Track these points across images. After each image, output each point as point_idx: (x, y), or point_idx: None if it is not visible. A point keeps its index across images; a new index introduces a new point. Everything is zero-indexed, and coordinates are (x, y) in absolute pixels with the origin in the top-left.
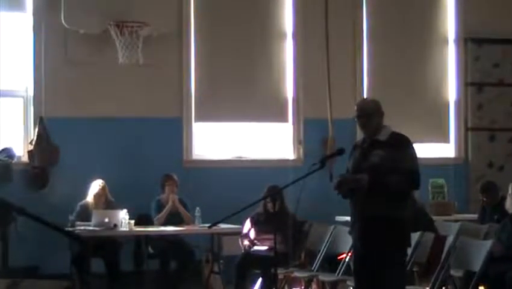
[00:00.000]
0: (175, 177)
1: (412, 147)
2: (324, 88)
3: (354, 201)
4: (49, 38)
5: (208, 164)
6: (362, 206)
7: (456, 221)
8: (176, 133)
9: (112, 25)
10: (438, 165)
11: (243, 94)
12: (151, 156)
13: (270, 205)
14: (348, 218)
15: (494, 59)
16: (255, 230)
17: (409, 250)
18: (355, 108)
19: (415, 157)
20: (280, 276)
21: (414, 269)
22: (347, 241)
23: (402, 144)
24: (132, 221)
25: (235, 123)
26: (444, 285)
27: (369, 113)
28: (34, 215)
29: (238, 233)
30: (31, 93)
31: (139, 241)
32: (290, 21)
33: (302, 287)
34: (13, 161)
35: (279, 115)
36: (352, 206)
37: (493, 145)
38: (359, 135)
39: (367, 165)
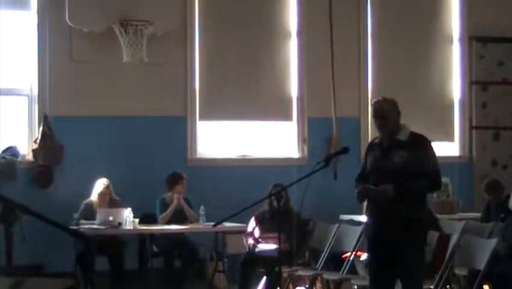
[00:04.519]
0: (185, 175)
1: (432, 147)
2: (329, 86)
3: (374, 202)
4: (53, 36)
5: (212, 163)
6: (384, 207)
7: (460, 219)
8: (180, 131)
9: (116, 24)
10: (442, 164)
11: (247, 92)
12: (155, 155)
13: (275, 203)
14: (352, 217)
15: (498, 58)
16: (259, 228)
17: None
18: (372, 108)
19: (436, 156)
20: (285, 275)
21: None
22: (351, 240)
23: (423, 144)
24: (137, 220)
25: (240, 121)
26: (448, 284)
27: (386, 115)
28: (38, 213)
29: (243, 232)
30: (35, 91)
31: (143, 239)
32: (295, 20)
33: (306, 285)
34: (17, 160)
35: (283, 113)
36: (371, 206)
37: (497, 144)
38: (364, 133)
39: (390, 166)
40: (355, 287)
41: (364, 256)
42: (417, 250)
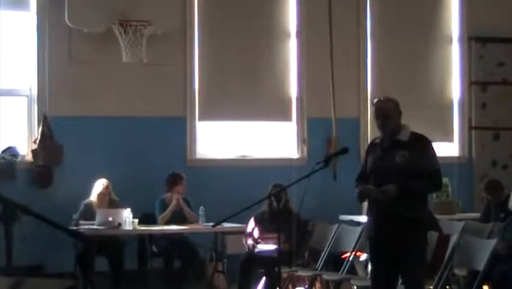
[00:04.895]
0: (184, 176)
1: (433, 147)
2: (328, 87)
3: (375, 203)
4: (52, 37)
5: (211, 163)
6: (385, 207)
7: (460, 220)
8: (179, 132)
9: (116, 24)
10: (442, 164)
11: (246, 93)
12: (155, 155)
13: (275, 203)
14: (352, 217)
15: (498, 58)
16: (259, 229)
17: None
18: (374, 108)
19: (437, 157)
20: (284, 275)
21: None
22: (351, 240)
23: (424, 144)
24: (136, 220)
25: (239, 122)
26: (448, 284)
27: (388, 114)
28: (38, 214)
29: (242, 232)
30: (34, 91)
31: (143, 240)
32: (294, 20)
33: (306, 286)
34: (17, 160)
35: (283, 114)
36: (372, 206)
37: (496, 144)
38: (363, 134)
39: (391, 167)
40: (355, 287)
41: (363, 257)
42: (419, 249)
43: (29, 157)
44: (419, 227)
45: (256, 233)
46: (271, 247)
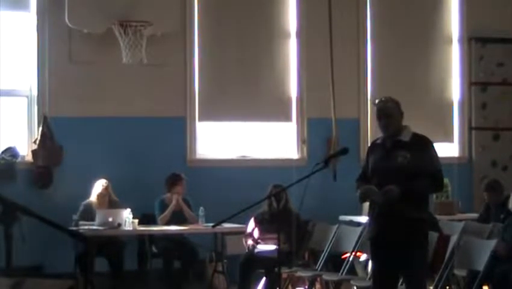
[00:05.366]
0: (184, 176)
1: (434, 148)
2: (328, 87)
3: (377, 203)
4: (52, 37)
5: (211, 164)
6: (386, 207)
7: (460, 220)
8: (179, 132)
9: (116, 25)
10: (442, 165)
11: (246, 93)
12: (155, 156)
13: (274, 203)
14: (352, 218)
15: (498, 58)
16: (258, 229)
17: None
18: (376, 108)
19: (438, 157)
20: (284, 276)
21: None
22: (351, 241)
23: (425, 145)
24: (136, 221)
25: (239, 122)
26: (447, 285)
27: (390, 114)
28: (38, 214)
29: (242, 233)
30: (34, 92)
31: (143, 240)
32: (294, 21)
33: (306, 286)
34: (17, 160)
35: (282, 114)
36: (374, 206)
37: (496, 144)
38: (363, 134)
39: (393, 167)
40: (355, 288)
41: (363, 257)
42: (420, 250)
43: (29, 157)
44: (420, 228)
45: (256, 234)
46: (271, 247)
